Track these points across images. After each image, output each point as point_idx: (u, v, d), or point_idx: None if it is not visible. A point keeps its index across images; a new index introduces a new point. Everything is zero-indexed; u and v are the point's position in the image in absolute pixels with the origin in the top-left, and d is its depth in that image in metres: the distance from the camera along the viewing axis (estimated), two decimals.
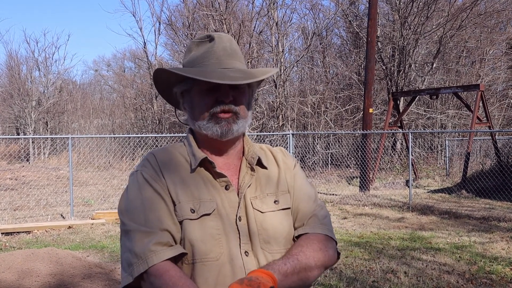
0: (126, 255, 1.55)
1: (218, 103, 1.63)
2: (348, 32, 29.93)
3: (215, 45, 1.67)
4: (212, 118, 1.63)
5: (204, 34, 1.75)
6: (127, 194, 1.65)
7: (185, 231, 1.57)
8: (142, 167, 1.67)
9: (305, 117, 27.39)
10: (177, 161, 1.68)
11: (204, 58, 1.66)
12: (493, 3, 25.07)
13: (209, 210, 1.59)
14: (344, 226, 9.95)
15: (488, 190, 13.45)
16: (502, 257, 7.14)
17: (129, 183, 1.68)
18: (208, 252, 1.56)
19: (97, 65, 57.07)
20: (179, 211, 1.58)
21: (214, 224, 1.59)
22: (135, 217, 1.58)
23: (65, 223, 10.32)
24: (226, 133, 1.63)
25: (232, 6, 24.57)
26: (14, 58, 36.11)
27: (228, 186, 1.65)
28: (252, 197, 1.68)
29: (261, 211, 1.66)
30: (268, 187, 1.72)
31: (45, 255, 6.66)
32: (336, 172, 20.46)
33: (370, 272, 6.40)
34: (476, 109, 14.94)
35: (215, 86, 1.62)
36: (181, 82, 1.69)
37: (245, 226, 1.63)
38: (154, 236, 1.54)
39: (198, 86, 1.64)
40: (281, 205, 1.71)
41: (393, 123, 18.16)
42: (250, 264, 1.59)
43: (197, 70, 1.62)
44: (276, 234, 1.66)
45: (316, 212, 1.75)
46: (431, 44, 25.37)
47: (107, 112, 40.07)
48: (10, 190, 15.99)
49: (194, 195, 1.61)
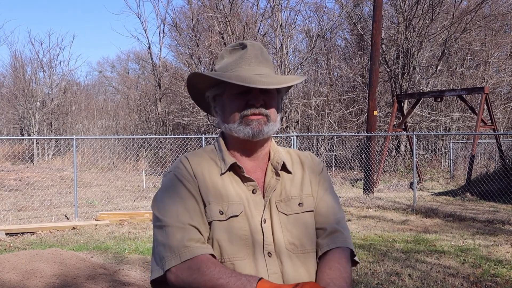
0: (159, 249, 1.64)
1: (249, 106, 1.69)
2: (352, 34, 29.91)
3: (247, 52, 1.75)
4: (242, 120, 1.69)
5: (237, 42, 1.83)
6: (160, 192, 1.74)
7: (214, 232, 1.66)
8: (176, 168, 1.75)
9: (309, 119, 27.38)
10: (208, 164, 1.75)
11: (237, 64, 1.74)
12: (498, 5, 25.02)
13: (237, 212, 1.68)
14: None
15: (492, 193, 13.40)
16: (506, 260, 7.12)
17: (162, 182, 1.77)
18: (235, 252, 1.65)
19: (102, 66, 57.18)
20: (209, 212, 1.67)
21: (241, 225, 1.67)
22: (168, 213, 1.66)
23: (69, 224, 10.34)
24: (257, 134, 1.69)
25: (237, 8, 24.60)
26: (18, 59, 36.29)
27: (255, 190, 1.73)
28: (277, 201, 1.75)
29: (286, 214, 1.74)
30: (292, 190, 1.79)
31: (49, 256, 6.66)
32: (340, 174, 20.44)
33: (374, 274, 6.39)
34: (481, 111, 14.90)
35: (246, 90, 1.69)
36: (214, 87, 1.76)
37: (269, 228, 1.70)
38: (188, 232, 1.62)
39: (230, 90, 1.71)
40: (305, 207, 1.77)
41: (397, 126, 18.13)
42: (272, 265, 1.67)
43: (229, 75, 1.69)
44: (300, 235, 1.73)
45: (339, 225, 1.81)
46: (435, 47, 25.32)
47: (111, 114, 40.17)
48: (15, 190, 16.03)
49: (223, 198, 1.69)
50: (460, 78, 26.67)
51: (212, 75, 1.69)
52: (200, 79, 1.77)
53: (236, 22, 24.16)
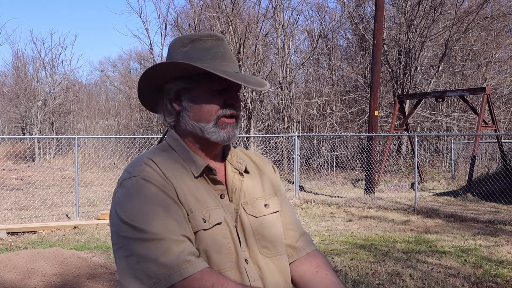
0: (144, 265, 1.37)
1: (227, 106, 1.56)
2: (354, 35, 29.90)
3: (223, 44, 1.59)
4: (218, 122, 1.54)
5: (206, 32, 1.63)
6: (129, 199, 1.45)
7: (201, 243, 1.47)
8: (142, 171, 1.48)
9: (311, 119, 27.38)
10: (175, 166, 1.54)
11: (212, 57, 1.55)
12: (500, 6, 25.00)
13: (219, 219, 1.51)
14: (349, 229, 9.94)
15: (493, 194, 13.39)
16: (507, 260, 7.12)
17: (127, 188, 1.48)
18: (224, 262, 1.49)
19: (103, 65, 57.33)
20: (193, 221, 1.48)
21: (224, 233, 1.52)
22: (154, 223, 1.40)
23: (71, 223, 10.36)
24: (231, 138, 1.56)
25: (238, 8, 24.58)
26: (20, 58, 36.29)
27: (223, 195, 1.58)
28: (243, 203, 1.62)
29: (255, 216, 1.62)
30: (255, 191, 1.67)
31: (50, 255, 6.68)
32: (341, 175, 20.43)
33: (375, 274, 6.39)
34: (482, 112, 14.88)
35: (225, 88, 1.55)
36: (182, 79, 1.56)
37: (241, 233, 1.57)
38: (186, 244, 1.41)
39: (209, 85, 1.55)
40: (271, 209, 1.67)
41: (398, 126, 18.11)
42: (251, 271, 1.54)
43: (221, 70, 1.51)
44: (271, 237, 1.63)
45: (301, 226, 1.80)
46: (437, 47, 25.31)
47: (112, 113, 40.16)
48: (16, 190, 16.04)
49: (202, 204, 1.51)
50: (461, 78, 26.65)
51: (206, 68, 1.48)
52: (170, 69, 1.55)
53: (238, 22, 24.14)
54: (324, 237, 9.01)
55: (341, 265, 6.86)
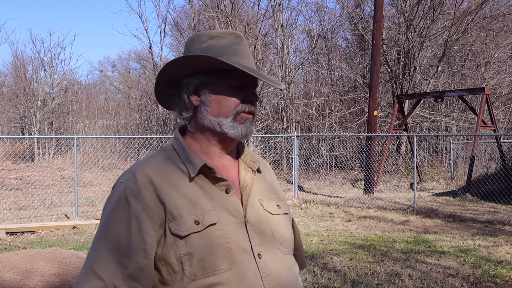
0: (87, 270, 1.48)
1: (246, 102, 1.58)
2: (353, 35, 29.91)
3: (242, 42, 1.61)
4: (237, 117, 1.56)
5: (225, 30, 1.64)
6: (105, 209, 1.54)
7: (192, 246, 1.45)
8: (127, 180, 1.52)
9: (310, 119, 27.37)
10: (171, 170, 1.54)
11: (235, 54, 1.57)
12: (499, 6, 25.03)
13: (214, 220, 1.48)
14: (349, 229, 9.94)
15: (492, 194, 13.40)
16: (506, 261, 7.12)
17: (111, 194, 1.55)
18: (219, 264, 1.45)
19: (103, 65, 57.31)
20: (183, 225, 1.46)
21: (221, 233, 1.48)
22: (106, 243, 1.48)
23: (70, 223, 10.35)
24: (248, 134, 1.58)
25: (238, 8, 24.58)
26: (19, 58, 36.26)
27: (228, 189, 1.55)
28: (260, 199, 1.62)
29: (271, 213, 1.62)
30: (268, 191, 1.68)
31: (49, 255, 6.67)
32: (341, 175, 20.44)
33: (374, 275, 6.39)
34: (481, 112, 14.89)
35: (244, 84, 1.57)
36: (201, 74, 1.58)
37: (255, 228, 1.55)
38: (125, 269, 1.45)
39: (229, 81, 1.56)
40: (282, 210, 1.67)
41: (398, 126, 18.13)
42: (264, 267, 1.51)
43: (245, 67, 1.52)
44: (285, 236, 1.63)
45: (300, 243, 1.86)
46: (436, 47, 25.33)
47: (112, 113, 40.15)
48: (15, 189, 16.03)
49: (196, 206, 1.49)
50: (460, 78, 26.67)
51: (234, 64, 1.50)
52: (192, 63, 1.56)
53: (237, 22, 24.13)
54: (323, 237, 9.01)
55: (340, 265, 6.86)
